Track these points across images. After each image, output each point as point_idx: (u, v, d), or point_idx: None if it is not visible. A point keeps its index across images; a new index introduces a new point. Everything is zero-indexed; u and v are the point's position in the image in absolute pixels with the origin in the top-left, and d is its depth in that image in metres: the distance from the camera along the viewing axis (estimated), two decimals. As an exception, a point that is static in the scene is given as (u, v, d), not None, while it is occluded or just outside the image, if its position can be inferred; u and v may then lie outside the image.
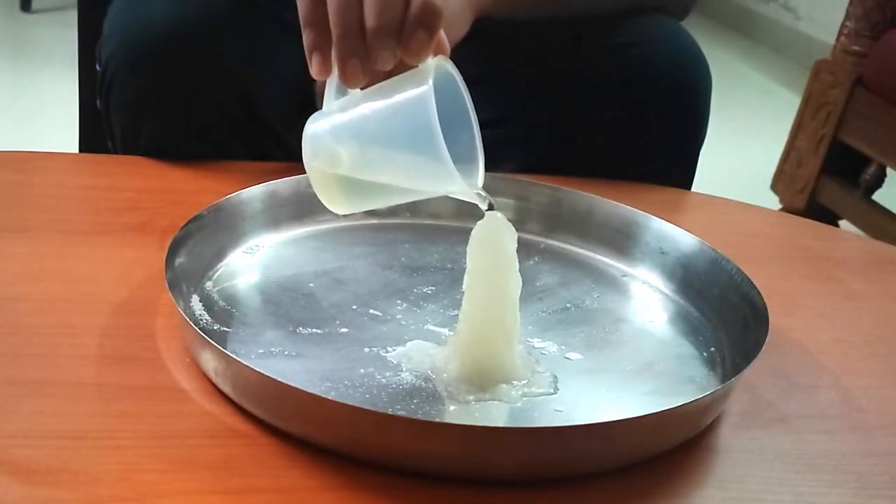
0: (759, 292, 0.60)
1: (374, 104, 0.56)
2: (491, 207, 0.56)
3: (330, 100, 0.58)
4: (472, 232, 0.55)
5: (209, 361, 0.52)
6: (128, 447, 0.47)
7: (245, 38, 0.86)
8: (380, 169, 0.57)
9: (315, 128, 0.58)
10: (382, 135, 0.56)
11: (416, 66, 0.56)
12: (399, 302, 0.64)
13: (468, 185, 0.55)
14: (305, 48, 0.58)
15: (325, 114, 0.58)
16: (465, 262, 0.56)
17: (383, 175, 0.57)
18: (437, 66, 0.55)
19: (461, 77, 0.56)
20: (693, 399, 0.49)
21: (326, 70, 0.57)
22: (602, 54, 0.90)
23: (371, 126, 0.57)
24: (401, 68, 0.56)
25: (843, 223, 1.93)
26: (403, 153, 0.55)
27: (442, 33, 0.57)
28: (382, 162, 0.57)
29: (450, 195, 0.57)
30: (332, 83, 0.58)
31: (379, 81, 0.57)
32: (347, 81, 0.56)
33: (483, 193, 0.56)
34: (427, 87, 0.52)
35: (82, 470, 0.46)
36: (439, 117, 0.51)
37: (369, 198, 0.60)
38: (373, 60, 0.55)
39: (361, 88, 0.57)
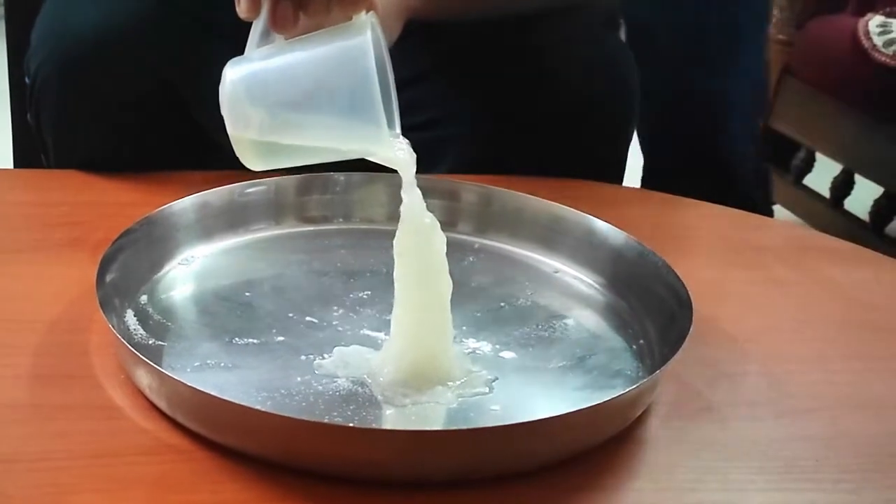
0: (682, 283, 0.61)
1: (301, 53, 0.55)
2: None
3: (252, 46, 0.56)
4: (398, 236, 0.56)
5: (143, 377, 0.52)
6: (63, 468, 0.47)
7: (177, 46, 0.85)
8: (298, 130, 0.56)
9: (234, 77, 0.55)
10: (308, 85, 0.55)
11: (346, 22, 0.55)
12: (336, 308, 0.64)
13: (394, 145, 0.54)
14: None
15: (245, 60, 0.56)
16: (397, 267, 0.57)
17: (302, 137, 0.56)
18: (371, 25, 0.54)
19: (385, 42, 0.55)
20: (620, 393, 0.51)
21: (255, 10, 0.56)
22: (531, 54, 0.91)
23: (296, 73, 0.55)
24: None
25: (777, 208, 1.97)
26: (328, 108, 0.54)
27: None
28: (302, 121, 0.55)
29: (368, 157, 0.56)
30: (257, 27, 0.56)
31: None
32: (276, 25, 0.55)
33: (406, 151, 0.55)
34: (364, 37, 0.52)
35: (16, 494, 0.45)
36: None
37: (284, 157, 0.58)
38: (305, 5, 0.54)
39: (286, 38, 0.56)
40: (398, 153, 0.55)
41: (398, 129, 0.56)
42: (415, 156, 0.56)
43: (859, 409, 0.59)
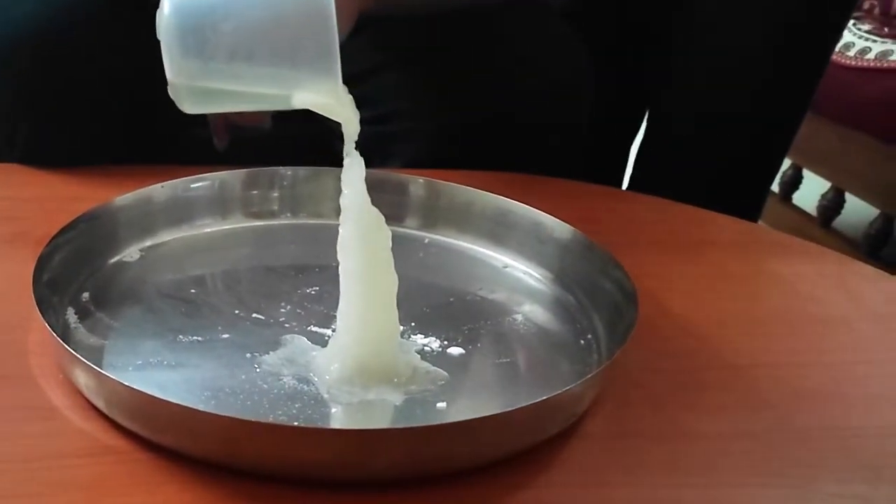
0: (629, 278, 0.61)
1: None
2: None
3: None
4: (341, 230, 0.55)
5: (80, 377, 0.51)
6: (-5, 472, 0.46)
7: (123, 39, 0.84)
8: (240, 77, 0.53)
9: (173, 9, 0.52)
10: (255, 18, 0.52)
11: None
12: (283, 304, 0.64)
13: (342, 95, 0.53)
14: None
15: None
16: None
17: (245, 82, 0.54)
18: None
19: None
20: (565, 389, 0.51)
21: None
22: (483, 49, 0.91)
23: (243, 4, 0.53)
24: None
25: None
26: (276, 47, 0.52)
27: None
28: (246, 63, 0.53)
29: (312, 107, 0.54)
30: None
31: None
32: None
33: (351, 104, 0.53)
34: None
35: (-54, 500, 0.44)
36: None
37: (220, 102, 0.56)
38: None
39: None
40: (345, 105, 0.54)
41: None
42: (358, 114, 0.55)
43: (804, 402, 0.60)
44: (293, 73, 0.53)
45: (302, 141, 0.92)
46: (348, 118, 0.55)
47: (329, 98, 0.53)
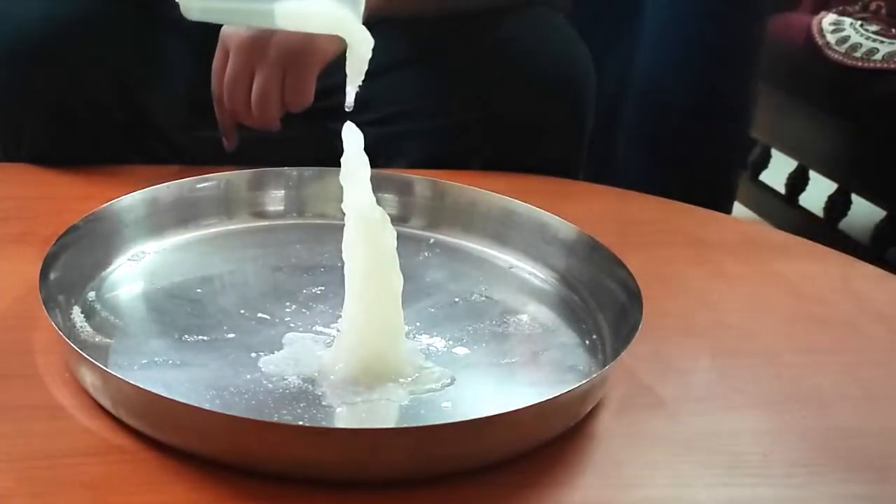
0: (633, 278, 0.61)
1: None
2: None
3: None
4: (346, 230, 0.55)
5: (87, 376, 0.51)
6: (0, 471, 0.46)
7: (129, 39, 0.84)
8: None
9: None
10: None
11: None
12: (288, 304, 0.64)
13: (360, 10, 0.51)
14: None
15: None
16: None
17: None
18: None
19: None
20: (569, 389, 0.51)
21: None
22: (488, 49, 0.91)
23: None
24: None
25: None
26: None
27: None
28: None
29: (328, 26, 0.52)
30: None
31: None
32: None
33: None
34: None
35: (-48, 499, 0.45)
36: None
37: (226, 15, 0.55)
38: None
39: None
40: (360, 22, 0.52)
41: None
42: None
43: (806, 403, 0.60)
44: None
45: (307, 142, 0.92)
46: (361, 38, 0.53)
47: (349, 10, 0.52)
